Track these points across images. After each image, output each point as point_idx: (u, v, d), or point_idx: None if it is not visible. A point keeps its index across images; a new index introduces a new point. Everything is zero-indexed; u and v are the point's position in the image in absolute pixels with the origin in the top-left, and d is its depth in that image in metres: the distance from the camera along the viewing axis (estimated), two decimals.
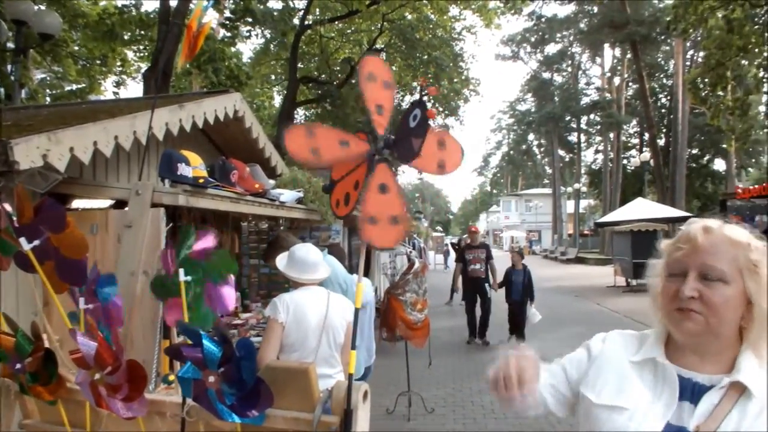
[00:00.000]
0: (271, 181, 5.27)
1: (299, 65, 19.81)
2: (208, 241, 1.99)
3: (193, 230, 2.01)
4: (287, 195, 5.08)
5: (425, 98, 1.73)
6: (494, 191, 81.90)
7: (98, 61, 16.52)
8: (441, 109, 21.95)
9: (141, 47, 17.46)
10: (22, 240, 1.74)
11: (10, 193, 1.88)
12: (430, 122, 1.68)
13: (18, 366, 1.83)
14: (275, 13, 16.97)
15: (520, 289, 9.21)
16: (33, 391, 1.90)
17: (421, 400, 6.08)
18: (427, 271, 6.48)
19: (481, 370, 7.85)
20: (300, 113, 23.66)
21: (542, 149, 61.58)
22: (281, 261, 3.13)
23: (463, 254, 9.80)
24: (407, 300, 5.78)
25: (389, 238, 1.80)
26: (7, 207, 1.87)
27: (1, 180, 2.58)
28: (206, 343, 1.53)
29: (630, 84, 41.03)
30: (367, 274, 9.00)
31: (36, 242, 1.76)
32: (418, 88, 1.69)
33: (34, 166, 2.69)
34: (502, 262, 10.10)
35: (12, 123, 3.66)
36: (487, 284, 9.53)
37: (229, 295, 2.05)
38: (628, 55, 35.26)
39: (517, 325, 9.24)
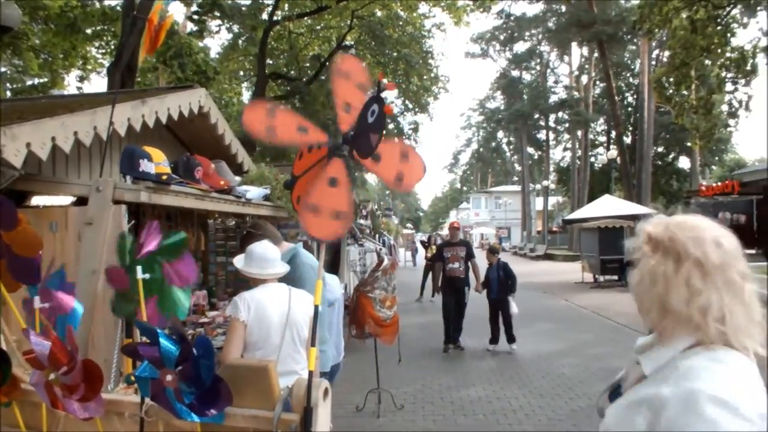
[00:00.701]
0: (238, 178, 5.22)
1: (268, 61, 19.64)
2: (155, 234, 1.96)
3: (128, 236, 1.97)
4: (254, 192, 5.04)
5: (384, 94, 1.73)
6: (464, 188, 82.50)
7: (61, 55, 16.10)
8: (411, 105, 22.01)
9: (104, 42, 17.08)
10: None
11: None
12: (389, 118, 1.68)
13: None
14: (243, 8, 16.77)
15: (495, 285, 8.82)
16: None
17: (390, 397, 6.09)
18: (396, 269, 6.50)
19: (451, 366, 7.91)
20: None
21: (511, 147, 62.33)
22: (239, 261, 3.10)
23: (441, 252, 9.05)
24: (376, 297, 5.78)
25: (328, 231, 1.79)
26: None
27: None
28: (163, 341, 1.51)
29: (597, 82, 41.73)
30: (336, 271, 8.98)
31: None
32: (376, 83, 1.68)
33: None
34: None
35: None
36: (466, 287, 8.89)
37: (189, 267, 2.01)
38: (596, 54, 35.84)
39: (496, 325, 8.90)
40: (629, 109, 40.24)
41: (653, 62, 31.48)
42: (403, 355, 7.55)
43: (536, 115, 47.66)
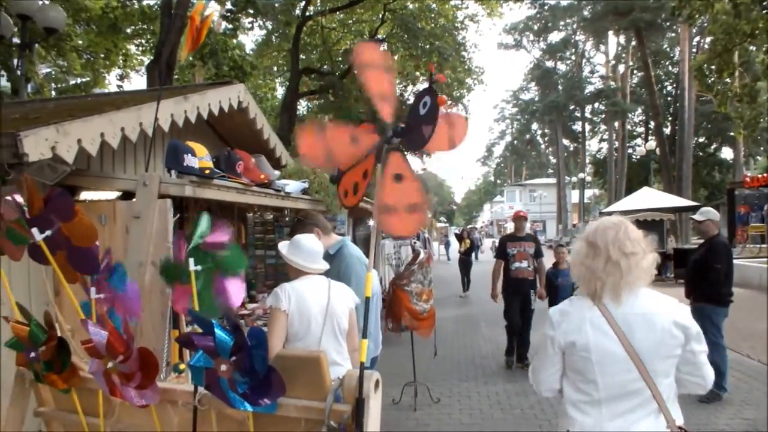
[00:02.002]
0: (277, 172, 5.28)
1: (301, 56, 19.73)
2: (223, 234, 2.00)
3: (207, 218, 2.00)
4: (292, 186, 5.09)
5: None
6: (498, 181, 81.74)
7: (102, 55, 16.52)
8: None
9: (143, 41, 17.45)
10: (35, 231, 1.75)
11: (21, 185, 1.89)
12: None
13: (32, 355, 1.85)
14: (276, 5, 16.90)
15: (569, 294, 7.01)
16: (47, 380, 1.93)
17: (427, 390, 6.10)
18: (431, 262, 6.48)
19: (487, 361, 7.87)
20: (302, 104, 23.61)
21: (546, 139, 61.38)
22: (284, 247, 3.11)
23: (504, 248, 7.45)
24: (412, 290, 5.79)
25: (408, 227, 1.81)
26: (18, 198, 1.88)
27: (11, 172, 2.60)
28: (218, 332, 1.54)
29: (635, 72, 40.78)
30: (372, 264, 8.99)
31: (48, 233, 1.77)
32: (428, 75, 1.68)
33: (43, 158, 2.71)
34: None
35: (20, 116, 3.67)
36: (532, 289, 7.34)
37: (238, 290, 2.05)
38: (633, 42, 35.02)
39: None
40: (668, 98, 39.13)
41: (694, 49, 30.53)
42: (438, 348, 7.55)
43: (572, 106, 46.84)
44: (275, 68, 25.03)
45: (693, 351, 1.99)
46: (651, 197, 20.02)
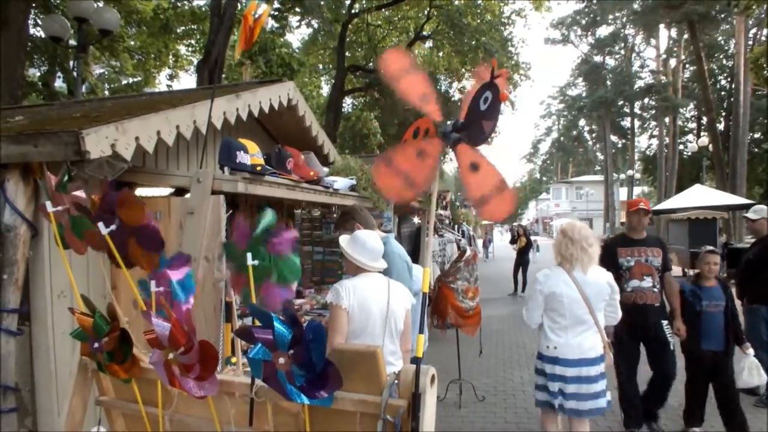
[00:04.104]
0: (325, 169, 5.32)
1: (347, 54, 19.85)
2: (289, 238, 2.02)
3: (274, 216, 2.02)
4: (341, 182, 5.12)
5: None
6: (544, 178, 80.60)
7: (153, 56, 17.01)
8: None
9: (193, 41, 17.89)
10: (100, 225, 1.81)
11: (84, 181, 1.95)
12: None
13: (96, 345, 1.90)
14: (323, 2, 17.04)
15: (720, 327, 4.59)
16: (109, 370, 1.98)
17: (472, 388, 6.08)
18: (477, 259, 6.44)
19: (532, 360, 7.75)
20: (348, 102, 23.77)
21: (594, 135, 60.09)
22: (345, 242, 3.07)
23: (613, 257, 4.69)
24: (458, 288, 5.76)
25: (506, 206, 1.80)
26: (81, 194, 1.95)
27: (73, 169, 2.69)
28: (277, 325, 1.56)
29: (687, 66, 39.42)
30: (416, 260, 8.98)
31: (112, 227, 1.82)
32: (491, 69, 1.65)
33: (104, 155, 2.79)
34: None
35: (81, 115, 3.80)
36: (664, 320, 4.66)
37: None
38: (685, 36, 33.87)
39: (701, 400, 4.80)
40: (722, 93, 37.66)
41: (750, 42, 29.28)
42: (483, 346, 7.49)
43: (620, 102, 45.66)
44: (321, 66, 25.28)
45: (614, 298, 3.78)
46: (703, 195, 19.41)
